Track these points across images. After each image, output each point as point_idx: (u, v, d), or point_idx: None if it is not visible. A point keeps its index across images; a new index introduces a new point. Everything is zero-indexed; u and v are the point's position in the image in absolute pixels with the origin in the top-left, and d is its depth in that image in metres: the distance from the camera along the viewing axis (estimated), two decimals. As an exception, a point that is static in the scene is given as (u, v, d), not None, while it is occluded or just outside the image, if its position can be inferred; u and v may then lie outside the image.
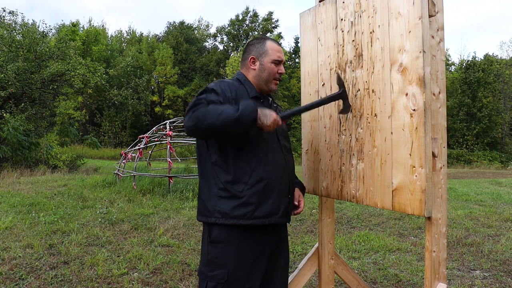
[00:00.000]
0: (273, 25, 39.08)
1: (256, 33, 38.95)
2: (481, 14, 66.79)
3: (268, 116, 1.68)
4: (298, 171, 2.39)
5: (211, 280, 1.76)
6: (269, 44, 1.93)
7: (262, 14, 46.60)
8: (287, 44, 67.24)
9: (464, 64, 33.09)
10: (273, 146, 1.84)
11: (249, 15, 39.97)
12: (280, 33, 40.44)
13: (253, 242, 1.78)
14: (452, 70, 34.60)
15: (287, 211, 1.87)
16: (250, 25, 39.91)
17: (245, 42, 39.56)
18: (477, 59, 32.60)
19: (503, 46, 60.19)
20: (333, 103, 2.13)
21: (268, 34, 38.32)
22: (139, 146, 10.58)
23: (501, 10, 61.04)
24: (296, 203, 1.99)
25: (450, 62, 37.08)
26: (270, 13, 39.31)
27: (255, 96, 1.88)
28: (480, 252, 4.33)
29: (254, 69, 1.92)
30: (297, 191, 2.02)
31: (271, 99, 2.00)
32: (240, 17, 40.08)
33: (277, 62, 1.91)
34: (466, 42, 59.29)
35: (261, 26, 39.22)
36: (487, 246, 4.56)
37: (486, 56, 32.64)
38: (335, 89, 2.12)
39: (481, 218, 6.03)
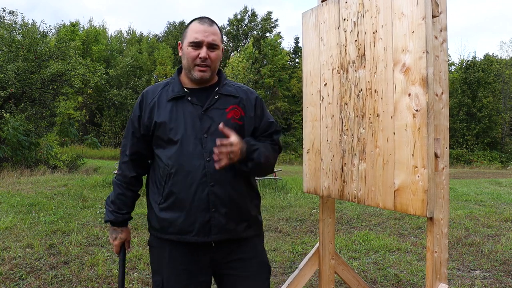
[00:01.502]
0: (272, 25, 39.07)
1: (255, 33, 38.95)
2: (481, 14, 66.85)
3: (115, 237, 1.84)
4: (299, 171, 2.39)
5: (153, 285, 1.74)
6: (191, 25, 1.67)
7: (262, 14, 46.58)
8: (287, 44, 67.28)
9: (464, 64, 33.10)
10: (190, 153, 1.60)
11: (247, 14, 39.97)
12: (280, 32, 40.43)
13: (185, 253, 1.65)
14: (452, 70, 34.60)
15: (208, 228, 1.60)
16: (249, 25, 39.90)
17: (244, 42, 39.55)
18: (477, 59, 32.61)
19: (503, 46, 60.31)
20: (335, 103, 2.13)
21: (268, 34, 38.32)
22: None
23: (501, 10, 61.11)
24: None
25: (450, 62, 37.08)
26: (269, 13, 39.30)
27: (174, 97, 1.67)
28: (480, 252, 4.33)
29: (181, 55, 1.71)
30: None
31: (218, 88, 1.71)
32: (239, 17, 40.06)
33: (195, 45, 1.62)
34: (466, 42, 59.37)
35: (260, 25, 39.21)
36: (487, 246, 4.56)
37: (486, 56, 32.65)
38: (337, 89, 2.12)
39: (481, 218, 6.03)
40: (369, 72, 1.90)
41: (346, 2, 2.04)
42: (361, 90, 1.96)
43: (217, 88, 1.71)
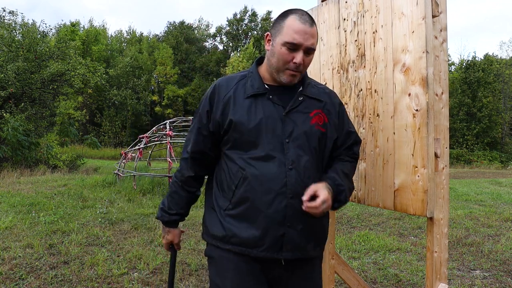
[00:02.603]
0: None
1: (255, 33, 38.93)
2: (481, 14, 66.85)
3: (163, 236, 1.69)
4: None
5: None
6: (290, 20, 1.42)
7: (262, 13, 46.53)
8: (287, 44, 67.16)
9: (464, 64, 33.09)
10: (269, 158, 1.42)
11: (247, 14, 39.95)
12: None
13: (251, 269, 1.45)
14: (452, 70, 34.60)
15: (280, 244, 1.42)
16: (249, 24, 39.89)
17: (245, 42, 39.55)
18: (477, 59, 32.60)
19: (503, 46, 60.31)
20: (335, 104, 2.12)
21: (268, 34, 38.29)
22: (139, 146, 10.57)
23: (501, 10, 61.10)
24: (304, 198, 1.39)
25: (450, 62, 37.09)
26: (269, 13, 39.29)
27: (254, 94, 1.47)
28: (480, 252, 4.33)
29: (268, 50, 1.50)
30: (315, 186, 1.42)
31: (302, 88, 1.52)
32: (238, 16, 40.05)
33: (291, 46, 1.40)
34: (466, 42, 59.30)
35: (259, 25, 39.19)
36: (487, 246, 4.56)
37: (486, 56, 32.64)
38: (337, 89, 2.12)
39: (481, 218, 6.03)
40: (369, 72, 1.90)
41: (346, 2, 2.04)
42: (361, 90, 1.96)
43: (300, 88, 1.51)
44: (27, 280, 3.33)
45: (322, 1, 2.24)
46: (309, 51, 1.44)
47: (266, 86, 1.49)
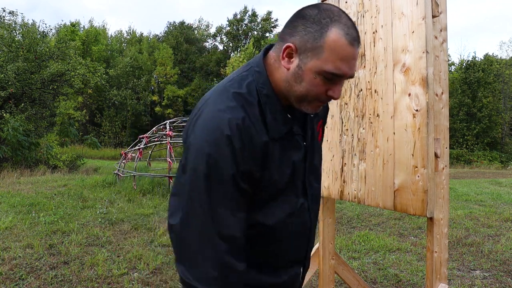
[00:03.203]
0: (272, 25, 39.06)
1: (255, 33, 38.92)
2: (481, 14, 66.84)
3: None
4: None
5: None
6: (334, 36, 0.96)
7: (262, 13, 46.55)
8: (287, 44, 67.21)
9: (464, 64, 33.11)
10: (297, 209, 1.11)
11: (247, 14, 39.96)
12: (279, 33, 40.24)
13: None
14: (452, 70, 34.60)
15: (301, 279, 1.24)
16: (249, 25, 39.90)
17: (245, 42, 39.51)
18: (477, 59, 32.61)
19: (503, 46, 60.31)
20: (335, 103, 2.13)
21: (267, 34, 38.26)
22: (139, 146, 10.58)
23: (501, 10, 61.10)
24: None
25: (450, 62, 37.09)
26: (269, 13, 39.33)
27: (285, 134, 1.05)
28: (480, 252, 4.33)
29: (288, 69, 1.02)
30: None
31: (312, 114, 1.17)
32: (238, 17, 40.06)
33: (331, 77, 0.99)
34: (466, 42, 59.33)
35: (260, 25, 39.20)
36: (487, 246, 4.56)
37: (486, 56, 32.65)
38: (337, 89, 2.12)
39: (481, 218, 6.03)
40: (369, 72, 1.90)
41: (346, 2, 2.04)
42: (361, 90, 1.96)
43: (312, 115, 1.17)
44: (27, 280, 3.33)
45: (322, 1, 2.24)
46: (348, 78, 1.03)
47: (290, 117, 1.07)
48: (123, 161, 10.63)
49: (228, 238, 0.96)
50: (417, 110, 1.64)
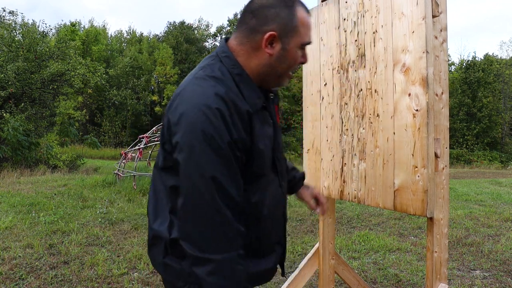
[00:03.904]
0: (273, 25, 39.04)
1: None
2: (481, 14, 66.86)
3: None
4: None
5: None
6: (301, 16, 1.13)
7: (262, 14, 46.37)
8: (287, 44, 67.14)
9: (464, 64, 33.13)
10: (272, 181, 1.22)
11: (248, 14, 39.93)
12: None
13: None
14: (452, 70, 34.61)
15: (281, 261, 1.35)
16: (249, 25, 39.88)
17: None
18: (477, 59, 32.64)
19: (503, 46, 60.31)
20: (335, 103, 2.13)
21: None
22: (139, 146, 10.58)
23: (501, 10, 61.12)
24: (311, 202, 1.55)
25: (450, 62, 37.11)
26: (270, 13, 39.28)
27: (261, 108, 1.15)
28: (480, 252, 4.33)
29: (270, 55, 1.13)
30: (306, 193, 1.58)
31: (272, 95, 1.29)
32: (239, 16, 40.01)
33: (305, 47, 1.18)
34: (466, 42, 59.41)
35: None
36: (487, 246, 4.56)
37: (486, 56, 32.67)
38: (337, 89, 2.12)
39: (481, 218, 6.03)
40: (369, 72, 1.90)
41: (346, 2, 2.04)
42: (361, 90, 1.96)
43: (272, 95, 1.29)
44: (27, 280, 3.34)
45: (322, 1, 2.24)
46: None
47: (261, 93, 1.18)
48: (123, 161, 10.63)
49: (232, 204, 1.02)
50: (417, 110, 1.64)
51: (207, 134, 1.00)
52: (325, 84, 2.22)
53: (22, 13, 28.40)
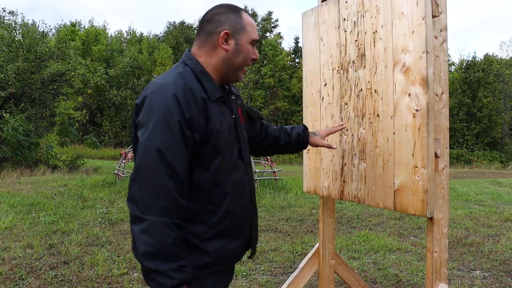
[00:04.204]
0: (273, 25, 39.06)
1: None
2: (481, 14, 66.86)
3: None
4: (299, 171, 2.38)
5: None
6: (246, 18, 1.40)
7: (262, 13, 46.53)
8: (287, 44, 67.27)
9: (464, 64, 33.12)
10: (238, 166, 1.39)
11: (248, 14, 39.97)
12: (280, 33, 40.36)
13: (226, 278, 1.45)
14: (452, 70, 34.61)
15: (249, 244, 1.49)
16: (249, 25, 39.90)
17: (245, 42, 39.52)
18: (477, 59, 32.63)
19: (503, 46, 60.30)
20: (335, 103, 2.13)
21: (268, 34, 38.32)
22: (139, 146, 10.56)
23: (501, 10, 61.11)
24: (323, 141, 1.82)
25: (450, 62, 37.10)
26: (270, 13, 39.28)
27: (218, 98, 1.35)
28: (480, 252, 4.33)
29: (226, 50, 1.36)
30: (317, 139, 1.84)
31: (228, 88, 1.49)
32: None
33: (254, 43, 1.42)
34: (466, 42, 59.37)
35: (260, 25, 39.20)
36: (487, 246, 4.56)
37: (486, 56, 32.66)
38: (337, 89, 2.12)
39: (481, 218, 6.03)
40: (369, 72, 1.90)
41: (346, 2, 2.04)
42: (361, 90, 1.96)
43: (227, 87, 1.47)
44: (27, 280, 3.34)
45: (322, 1, 2.24)
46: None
47: (220, 88, 1.41)
48: (123, 161, 10.63)
49: (174, 175, 1.19)
50: (417, 110, 1.64)
51: (161, 113, 1.20)
52: (325, 84, 2.22)
53: (22, 13, 28.40)
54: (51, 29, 21.06)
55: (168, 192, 1.17)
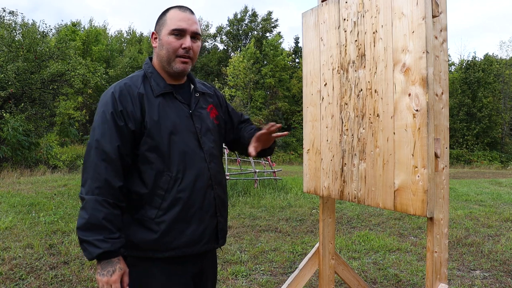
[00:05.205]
0: (273, 25, 39.07)
1: (255, 33, 38.94)
2: (481, 14, 66.85)
3: (105, 277, 1.32)
4: (299, 171, 2.38)
5: None
6: (171, 13, 1.50)
7: (262, 13, 46.54)
8: (287, 44, 67.25)
9: (464, 64, 33.12)
10: (193, 155, 1.47)
11: (248, 14, 39.96)
12: (280, 32, 40.32)
13: (180, 270, 1.48)
14: (452, 70, 34.60)
15: (215, 234, 1.54)
16: (249, 25, 39.90)
17: (245, 42, 39.56)
18: (477, 59, 32.62)
19: (503, 46, 60.22)
20: (335, 103, 2.13)
21: (268, 34, 38.31)
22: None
23: (501, 10, 61.11)
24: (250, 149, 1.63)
25: (450, 62, 37.09)
26: (270, 13, 39.29)
27: (162, 93, 1.48)
28: (480, 252, 4.33)
29: (155, 47, 1.53)
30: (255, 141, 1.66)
31: (193, 86, 1.61)
32: (239, 16, 40.06)
33: (178, 33, 1.46)
34: (466, 42, 59.37)
35: (260, 25, 39.20)
36: (487, 246, 4.56)
37: (486, 56, 32.65)
38: (337, 89, 2.12)
39: (481, 218, 6.03)
40: (369, 72, 1.90)
41: (346, 2, 2.04)
42: (361, 90, 1.96)
43: (193, 86, 1.60)
44: (27, 280, 3.34)
45: (322, 1, 2.24)
46: (196, 37, 1.52)
47: (170, 85, 1.53)
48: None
49: (108, 159, 1.36)
50: (417, 110, 1.64)
51: (100, 108, 1.43)
52: (325, 84, 2.22)
53: (22, 13, 28.44)
54: (51, 29, 21.05)
55: (100, 174, 1.35)
